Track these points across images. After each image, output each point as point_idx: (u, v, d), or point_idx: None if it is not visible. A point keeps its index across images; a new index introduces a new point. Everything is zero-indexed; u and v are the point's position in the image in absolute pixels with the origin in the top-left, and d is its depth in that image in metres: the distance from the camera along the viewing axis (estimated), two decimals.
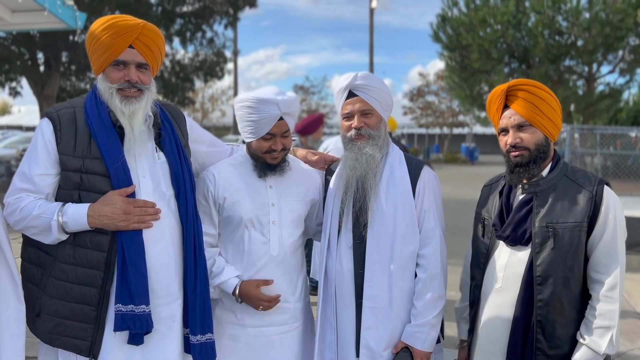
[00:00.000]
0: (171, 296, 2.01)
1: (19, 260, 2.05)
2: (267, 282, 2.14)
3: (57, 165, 1.93)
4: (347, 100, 2.20)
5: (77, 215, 1.86)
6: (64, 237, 1.89)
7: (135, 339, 1.91)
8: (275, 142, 2.14)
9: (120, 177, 1.90)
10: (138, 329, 1.88)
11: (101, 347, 1.90)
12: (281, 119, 2.12)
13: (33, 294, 1.95)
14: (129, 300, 1.86)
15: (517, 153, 2.01)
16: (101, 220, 1.87)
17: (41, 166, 1.92)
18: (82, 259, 1.90)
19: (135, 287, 1.87)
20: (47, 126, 1.94)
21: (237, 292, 2.12)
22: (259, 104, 2.10)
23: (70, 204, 1.89)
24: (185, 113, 2.35)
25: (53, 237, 1.87)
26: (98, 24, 1.98)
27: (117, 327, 1.87)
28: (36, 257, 1.97)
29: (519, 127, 2.01)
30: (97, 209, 1.86)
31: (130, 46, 1.96)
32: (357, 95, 2.18)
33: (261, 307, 2.13)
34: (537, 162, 1.99)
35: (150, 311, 1.90)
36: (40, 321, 1.93)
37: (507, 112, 2.04)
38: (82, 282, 1.89)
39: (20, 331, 1.79)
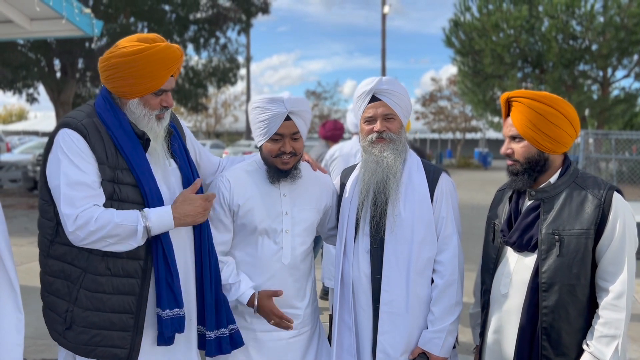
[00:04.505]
0: (191, 295, 2.07)
1: (27, 266, 2.08)
2: (277, 293, 2.15)
3: (99, 174, 1.90)
4: (370, 104, 2.22)
5: (162, 218, 1.90)
6: (142, 243, 1.91)
7: (168, 339, 1.95)
8: (285, 144, 2.15)
9: (151, 187, 1.93)
10: (179, 330, 1.94)
11: (139, 352, 1.94)
12: (289, 119, 2.14)
13: (60, 307, 1.94)
14: (174, 305, 1.92)
15: (510, 162, 2.04)
16: (185, 219, 1.95)
17: (92, 173, 1.87)
18: (117, 269, 1.91)
19: (178, 291, 1.93)
20: (77, 137, 1.88)
21: (255, 303, 2.14)
22: (266, 103, 2.14)
23: (147, 209, 1.91)
24: (199, 118, 2.40)
25: (135, 244, 1.88)
26: (140, 54, 1.88)
27: (168, 332, 1.92)
28: (60, 270, 1.95)
29: (513, 138, 2.02)
30: (181, 210, 1.94)
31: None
32: (380, 100, 2.21)
33: (273, 321, 2.15)
34: (530, 174, 2.00)
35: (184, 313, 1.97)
36: (74, 334, 1.92)
37: (507, 121, 2.05)
38: (119, 292, 1.91)
39: (19, 340, 1.77)
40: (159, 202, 1.94)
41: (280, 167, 2.18)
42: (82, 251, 1.92)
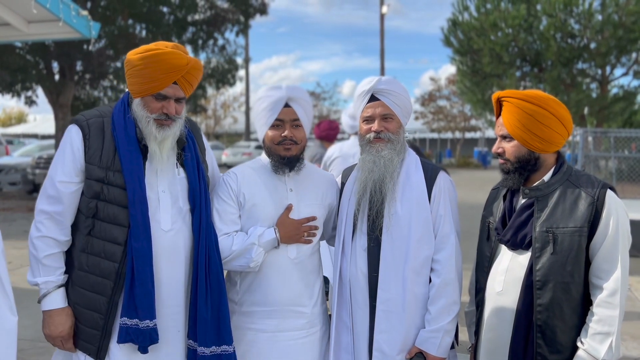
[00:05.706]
0: (179, 307, 2.06)
1: (27, 269, 2.13)
2: (289, 208, 2.21)
3: (81, 174, 2.00)
4: (369, 104, 2.23)
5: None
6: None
7: (141, 348, 1.96)
8: (285, 130, 2.19)
9: (136, 192, 1.95)
10: (141, 342, 1.93)
11: (108, 352, 1.97)
12: (288, 106, 2.19)
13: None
14: (134, 315, 1.92)
15: (501, 161, 2.05)
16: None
17: (65, 173, 1.99)
18: (94, 268, 1.96)
19: (141, 302, 1.92)
20: (76, 134, 2.01)
21: (277, 232, 2.15)
22: (267, 91, 2.23)
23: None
24: (197, 120, 2.42)
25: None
26: (144, 53, 1.98)
27: (121, 340, 1.93)
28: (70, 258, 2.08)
29: (504, 138, 2.03)
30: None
31: (174, 82, 2.00)
32: (378, 100, 2.22)
33: (304, 234, 2.19)
34: (521, 173, 2.01)
35: (155, 325, 1.95)
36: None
37: (499, 120, 2.07)
38: (93, 290, 1.97)
39: (10, 341, 1.82)
40: (142, 206, 1.95)
41: (282, 153, 2.19)
42: (73, 243, 2.03)
